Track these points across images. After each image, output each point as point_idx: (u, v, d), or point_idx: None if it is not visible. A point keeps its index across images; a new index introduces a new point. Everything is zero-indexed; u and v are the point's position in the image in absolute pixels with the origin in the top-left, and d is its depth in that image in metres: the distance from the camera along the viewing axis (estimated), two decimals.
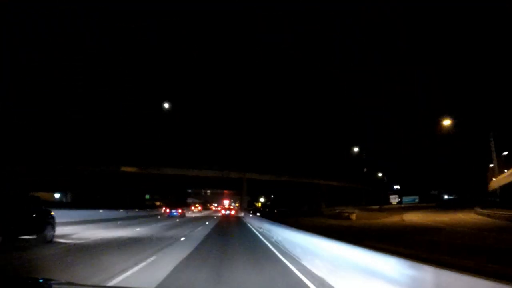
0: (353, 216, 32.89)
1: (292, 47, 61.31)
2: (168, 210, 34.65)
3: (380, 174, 68.56)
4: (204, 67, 59.04)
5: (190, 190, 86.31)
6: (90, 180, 43.02)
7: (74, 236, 12.06)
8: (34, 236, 9.73)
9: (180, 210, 35.08)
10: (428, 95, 61.83)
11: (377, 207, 50.96)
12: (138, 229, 16.98)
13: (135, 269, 6.44)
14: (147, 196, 73.40)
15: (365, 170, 64.36)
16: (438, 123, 30.52)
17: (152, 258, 7.72)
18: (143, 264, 6.97)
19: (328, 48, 61.72)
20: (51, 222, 10.33)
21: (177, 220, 27.79)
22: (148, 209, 46.77)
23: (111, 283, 5.24)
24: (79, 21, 52.88)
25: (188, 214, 41.69)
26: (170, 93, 56.33)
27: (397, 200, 60.91)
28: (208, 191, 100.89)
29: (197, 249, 9.81)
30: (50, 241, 10.08)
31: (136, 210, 38.02)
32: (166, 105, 36.60)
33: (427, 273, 3.15)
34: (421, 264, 3.32)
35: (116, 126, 45.94)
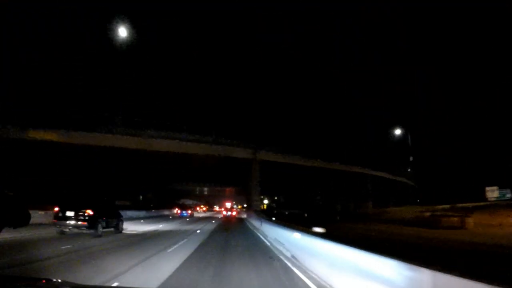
0: (470, 223, 23.87)
1: (292, 47, 66.66)
2: (179, 211, 43.71)
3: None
4: (204, 67, 64.01)
5: (180, 188, 74.06)
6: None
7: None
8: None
9: (189, 211, 44.27)
10: (428, 95, 67.52)
11: (448, 206, 39.80)
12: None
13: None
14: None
15: (411, 159, 53.41)
16: None
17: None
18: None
19: (328, 48, 67.18)
20: (122, 220, 16.54)
21: (188, 219, 35.04)
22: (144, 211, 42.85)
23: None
24: (79, 21, 57.84)
25: (195, 214, 49.23)
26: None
27: (496, 194, 47.66)
28: (205, 189, 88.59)
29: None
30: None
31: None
32: (123, 32, 26.20)
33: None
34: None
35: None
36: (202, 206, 77.62)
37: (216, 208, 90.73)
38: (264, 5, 59.59)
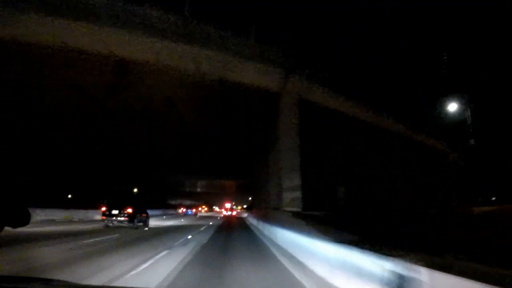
0: None
1: (292, 47, 70.87)
2: (184, 210, 49.00)
3: None
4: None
5: (181, 189, 69.87)
6: None
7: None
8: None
9: (194, 210, 50.95)
10: (428, 95, 72.08)
11: None
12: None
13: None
14: None
15: (472, 143, 42.09)
16: None
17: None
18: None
19: (328, 48, 71.49)
20: (148, 217, 21.68)
21: (193, 217, 40.14)
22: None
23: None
24: None
25: (198, 214, 54.89)
26: None
27: None
28: (199, 185, 75.30)
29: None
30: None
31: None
32: None
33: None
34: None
35: None
36: (203, 206, 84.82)
37: (216, 209, 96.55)
38: (264, 5, 63.77)
